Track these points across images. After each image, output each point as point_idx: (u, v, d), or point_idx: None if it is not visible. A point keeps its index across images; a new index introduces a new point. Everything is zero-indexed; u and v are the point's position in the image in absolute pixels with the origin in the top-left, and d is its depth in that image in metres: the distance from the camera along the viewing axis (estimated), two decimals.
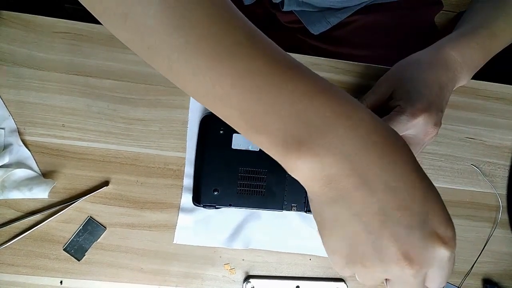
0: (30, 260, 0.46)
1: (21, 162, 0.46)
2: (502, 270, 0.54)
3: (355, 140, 0.23)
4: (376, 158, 0.23)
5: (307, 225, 0.50)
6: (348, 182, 0.23)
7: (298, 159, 0.23)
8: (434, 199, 0.24)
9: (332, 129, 0.22)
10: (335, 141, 0.22)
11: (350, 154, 0.22)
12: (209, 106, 0.25)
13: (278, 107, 0.23)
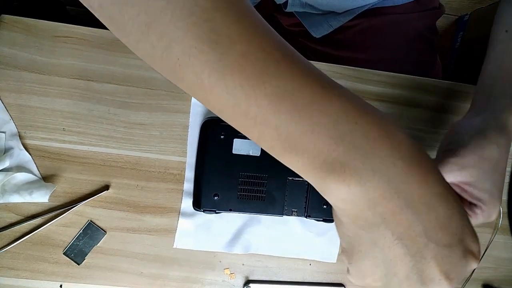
0: (30, 264, 0.46)
1: (22, 166, 0.46)
2: (503, 275, 0.54)
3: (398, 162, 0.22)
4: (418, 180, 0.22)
5: (307, 230, 0.50)
6: (394, 205, 0.22)
7: (340, 182, 0.22)
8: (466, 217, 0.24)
9: (376, 151, 0.22)
10: (379, 164, 0.22)
11: (393, 176, 0.22)
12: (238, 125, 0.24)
13: (319, 128, 0.22)
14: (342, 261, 0.51)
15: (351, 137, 0.22)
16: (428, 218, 0.23)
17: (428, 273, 0.23)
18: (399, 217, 0.22)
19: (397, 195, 0.22)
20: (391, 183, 0.22)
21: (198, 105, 0.48)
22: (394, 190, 0.22)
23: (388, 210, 0.22)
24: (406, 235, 0.23)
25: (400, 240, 0.23)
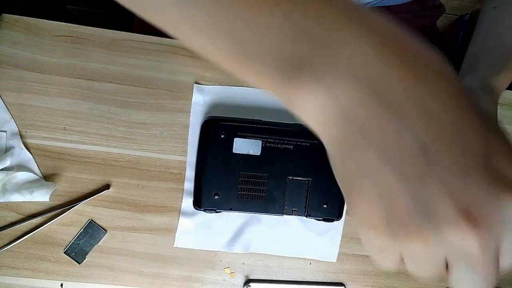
0: (30, 263, 0.46)
1: (23, 165, 0.46)
2: (503, 275, 0.54)
3: (370, 52, 0.16)
4: (405, 72, 0.16)
5: (308, 229, 0.50)
6: (372, 111, 0.16)
7: (299, 88, 0.17)
8: (496, 129, 0.17)
9: (341, 44, 0.16)
10: (346, 60, 0.16)
11: (366, 72, 0.16)
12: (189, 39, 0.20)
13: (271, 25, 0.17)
14: (342, 261, 0.51)
15: (306, 27, 0.17)
16: (425, 126, 0.16)
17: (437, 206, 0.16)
18: (381, 127, 0.16)
19: (375, 96, 0.16)
20: (365, 82, 0.16)
21: (198, 105, 0.48)
22: (370, 91, 0.16)
23: (367, 119, 0.17)
24: (395, 152, 0.16)
25: (389, 161, 0.17)
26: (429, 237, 0.17)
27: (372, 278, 0.52)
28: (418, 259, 0.18)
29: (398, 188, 0.17)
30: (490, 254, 0.17)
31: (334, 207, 0.47)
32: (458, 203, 0.16)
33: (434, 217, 0.16)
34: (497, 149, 0.16)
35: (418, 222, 0.17)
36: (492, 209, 0.16)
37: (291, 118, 0.49)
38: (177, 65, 0.48)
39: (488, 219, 0.16)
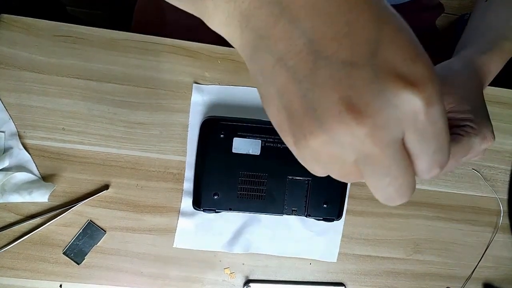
0: (29, 264, 0.46)
1: (21, 165, 0.46)
2: (503, 274, 0.54)
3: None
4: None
5: (308, 229, 0.50)
6: (266, 14, 0.17)
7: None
8: (392, 23, 0.16)
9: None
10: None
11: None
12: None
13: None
14: (342, 261, 0.51)
15: None
16: (313, 25, 0.16)
17: (323, 105, 0.16)
18: (275, 29, 0.17)
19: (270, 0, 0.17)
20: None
21: (198, 104, 0.48)
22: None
23: (262, 22, 0.17)
24: (287, 52, 0.17)
25: (281, 61, 0.17)
26: (321, 135, 0.16)
27: (373, 278, 0.51)
28: (322, 160, 0.18)
29: (292, 89, 0.17)
30: (386, 149, 0.16)
31: (334, 207, 0.47)
32: (342, 96, 0.15)
33: (321, 114, 0.16)
34: (389, 41, 0.16)
35: (309, 121, 0.17)
36: (378, 101, 0.15)
37: None
38: (176, 65, 0.48)
39: (374, 111, 0.15)
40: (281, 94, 0.17)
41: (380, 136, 0.16)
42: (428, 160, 0.17)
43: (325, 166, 0.19)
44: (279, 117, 0.18)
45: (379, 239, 0.51)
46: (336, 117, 0.16)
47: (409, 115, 0.16)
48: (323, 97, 0.16)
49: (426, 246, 0.52)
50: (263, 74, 0.18)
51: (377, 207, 0.51)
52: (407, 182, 0.17)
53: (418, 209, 0.52)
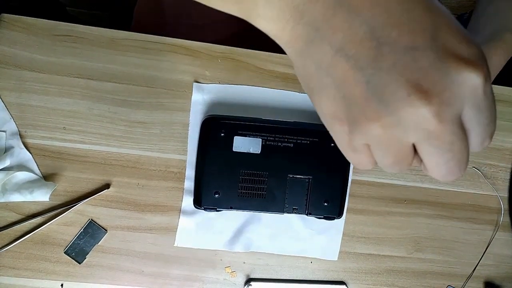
0: (31, 263, 0.46)
1: (22, 164, 0.46)
2: (504, 272, 0.54)
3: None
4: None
5: (308, 228, 0.50)
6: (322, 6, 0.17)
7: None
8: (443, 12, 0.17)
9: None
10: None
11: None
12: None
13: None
14: (343, 259, 0.51)
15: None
16: (374, 15, 0.17)
17: (390, 88, 0.17)
18: (333, 20, 0.17)
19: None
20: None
21: (198, 103, 0.48)
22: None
23: (318, 15, 0.18)
24: (347, 42, 0.17)
25: (342, 51, 0.17)
26: (387, 118, 0.17)
27: (374, 276, 0.51)
28: (381, 145, 0.19)
29: (354, 77, 0.17)
30: (450, 125, 0.17)
31: (335, 205, 0.47)
32: (408, 79, 0.16)
33: (388, 98, 0.17)
34: (444, 27, 0.17)
35: (374, 106, 0.17)
36: (442, 81, 0.16)
37: (291, 116, 0.49)
38: (177, 64, 0.48)
39: (439, 90, 0.16)
40: (341, 83, 0.18)
41: (446, 114, 0.17)
42: (482, 131, 0.18)
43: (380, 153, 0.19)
44: (335, 106, 0.19)
45: (380, 237, 0.51)
46: (405, 99, 0.16)
47: (470, 91, 0.17)
48: (390, 81, 0.17)
49: (427, 244, 0.52)
50: (319, 66, 0.18)
51: (378, 206, 0.51)
52: (466, 155, 0.18)
53: (419, 207, 0.52)
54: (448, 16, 0.17)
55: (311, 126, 0.48)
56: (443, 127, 0.17)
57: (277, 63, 0.49)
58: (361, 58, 0.17)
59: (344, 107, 0.19)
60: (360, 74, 0.17)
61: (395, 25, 0.17)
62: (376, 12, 0.17)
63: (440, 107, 0.16)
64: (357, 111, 0.18)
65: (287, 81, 0.49)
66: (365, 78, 0.17)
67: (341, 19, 0.17)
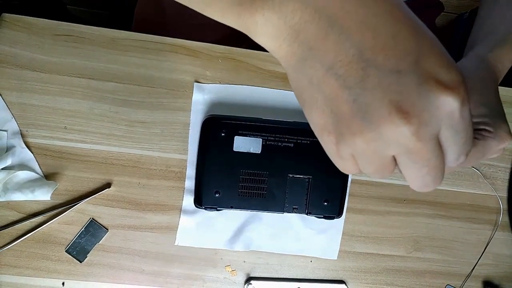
0: (32, 262, 0.46)
1: (24, 164, 0.46)
2: (503, 272, 0.54)
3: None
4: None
5: (308, 227, 0.50)
6: (316, 28, 0.19)
7: (254, 14, 0.20)
8: (427, 37, 0.19)
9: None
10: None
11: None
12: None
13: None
14: (343, 258, 0.51)
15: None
16: (362, 38, 0.18)
17: (373, 107, 0.18)
18: (325, 41, 0.19)
19: (318, 15, 0.19)
20: (310, 4, 0.19)
21: (199, 103, 0.48)
22: (313, 10, 0.19)
23: (312, 35, 0.19)
24: (337, 62, 0.19)
25: (331, 70, 0.19)
26: (369, 134, 0.19)
27: (373, 275, 0.52)
28: (364, 156, 0.20)
29: (341, 95, 0.19)
30: (427, 142, 0.19)
31: (335, 205, 0.48)
32: (391, 100, 0.18)
33: (371, 115, 0.19)
34: (427, 52, 0.18)
35: (359, 121, 0.19)
36: (422, 103, 0.18)
37: (291, 116, 0.49)
38: (177, 63, 0.48)
39: (419, 111, 0.18)
40: (330, 99, 0.20)
41: (423, 133, 0.18)
42: (458, 150, 0.20)
43: (363, 163, 0.21)
44: (324, 119, 0.21)
45: (380, 236, 0.52)
46: (386, 118, 0.18)
47: (447, 114, 0.18)
48: (374, 100, 0.18)
49: (426, 244, 0.53)
50: (311, 81, 0.20)
51: (378, 205, 0.52)
52: (441, 170, 0.20)
53: (418, 207, 0.52)
54: (432, 40, 0.19)
55: None
56: (421, 145, 0.18)
57: (277, 63, 0.49)
58: (349, 78, 0.19)
59: (332, 121, 0.20)
60: (348, 92, 0.19)
61: (381, 49, 0.18)
62: (364, 36, 0.18)
63: (419, 127, 0.18)
64: (344, 125, 0.20)
65: (287, 81, 0.50)
66: (352, 96, 0.19)
67: (333, 41, 0.19)
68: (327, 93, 0.20)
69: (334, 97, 0.19)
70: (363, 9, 0.18)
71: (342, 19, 0.18)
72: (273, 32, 0.20)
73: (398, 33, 0.18)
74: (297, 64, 0.20)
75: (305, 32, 0.19)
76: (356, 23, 0.18)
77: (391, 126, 0.18)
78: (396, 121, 0.18)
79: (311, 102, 0.21)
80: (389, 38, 0.18)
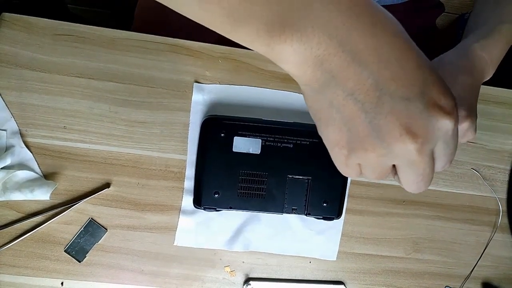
0: (31, 261, 0.46)
1: (23, 163, 0.46)
2: (502, 274, 0.54)
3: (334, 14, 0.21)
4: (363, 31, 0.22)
5: (307, 228, 0.50)
6: (339, 59, 0.22)
7: (283, 43, 0.22)
8: (429, 69, 0.22)
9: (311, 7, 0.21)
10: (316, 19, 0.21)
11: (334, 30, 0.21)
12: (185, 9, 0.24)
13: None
14: (342, 259, 0.51)
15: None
16: (378, 69, 0.21)
17: (387, 129, 0.22)
18: (346, 71, 0.22)
19: (341, 48, 0.21)
20: (333, 37, 0.21)
21: (198, 103, 0.48)
22: (337, 44, 0.21)
23: (335, 65, 0.22)
24: (357, 89, 0.22)
25: (351, 96, 0.22)
26: (381, 150, 0.23)
27: (372, 276, 0.52)
28: (371, 166, 0.25)
29: (358, 117, 0.23)
30: (426, 156, 0.23)
31: (334, 206, 0.47)
32: (401, 123, 0.22)
33: (384, 135, 0.22)
34: (430, 82, 0.22)
35: (372, 140, 0.23)
36: (427, 125, 0.22)
37: (291, 117, 0.49)
38: (177, 64, 0.48)
39: (424, 132, 0.22)
40: (348, 120, 0.23)
41: (425, 149, 0.22)
42: (445, 159, 0.25)
43: (368, 170, 0.25)
44: (340, 136, 0.24)
45: (379, 238, 0.52)
46: (398, 138, 0.22)
47: (444, 133, 0.23)
48: (387, 123, 0.22)
49: (426, 245, 0.53)
50: (331, 103, 0.23)
51: (377, 206, 0.52)
52: (431, 176, 0.25)
53: (418, 208, 0.52)
54: (433, 71, 0.22)
55: (311, 127, 0.48)
56: (421, 158, 0.23)
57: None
58: (366, 104, 0.22)
59: (347, 137, 0.24)
60: (364, 115, 0.22)
61: (393, 79, 0.21)
62: (380, 67, 0.21)
63: (422, 145, 0.22)
64: (357, 142, 0.23)
65: (287, 81, 0.49)
66: (368, 119, 0.22)
67: (353, 70, 0.22)
68: (345, 114, 0.23)
69: (352, 118, 0.23)
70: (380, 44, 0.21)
71: (362, 53, 0.21)
72: (299, 60, 0.23)
73: (405, 65, 0.22)
74: (319, 88, 0.23)
75: (329, 62, 0.22)
76: (373, 57, 0.21)
77: (401, 144, 0.22)
78: (405, 141, 0.22)
79: (328, 120, 0.24)
80: (399, 69, 0.21)
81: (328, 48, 0.22)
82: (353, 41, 0.21)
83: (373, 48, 0.21)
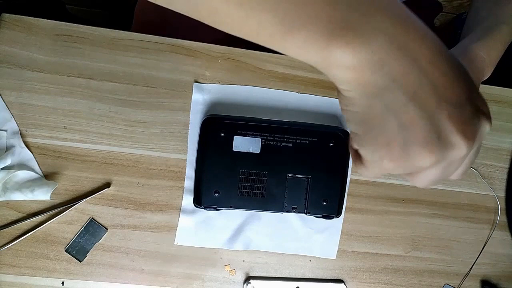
0: (31, 261, 0.46)
1: (23, 163, 0.46)
2: (501, 271, 0.54)
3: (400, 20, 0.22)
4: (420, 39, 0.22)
5: (307, 227, 0.50)
6: (401, 64, 0.22)
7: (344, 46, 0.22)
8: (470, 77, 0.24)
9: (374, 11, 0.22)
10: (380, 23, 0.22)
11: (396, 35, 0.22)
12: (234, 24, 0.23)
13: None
14: (342, 257, 0.51)
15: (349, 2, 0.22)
16: (435, 76, 0.22)
17: (446, 134, 0.23)
18: (408, 76, 0.22)
19: (403, 53, 0.22)
20: (395, 42, 0.22)
21: (198, 103, 0.48)
22: (398, 49, 0.22)
23: (396, 70, 0.22)
24: (417, 95, 0.22)
25: (413, 101, 0.22)
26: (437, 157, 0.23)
27: (372, 274, 0.52)
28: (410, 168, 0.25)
29: (419, 118, 0.23)
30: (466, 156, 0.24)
31: (334, 204, 0.48)
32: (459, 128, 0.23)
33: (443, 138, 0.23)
34: (473, 89, 0.23)
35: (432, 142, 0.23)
36: (477, 129, 0.23)
37: (290, 116, 0.49)
38: (177, 64, 0.48)
39: (474, 134, 0.23)
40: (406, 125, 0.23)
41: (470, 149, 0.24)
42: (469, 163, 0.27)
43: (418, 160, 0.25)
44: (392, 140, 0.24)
45: (378, 236, 0.52)
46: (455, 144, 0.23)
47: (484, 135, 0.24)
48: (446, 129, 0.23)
49: (425, 243, 0.53)
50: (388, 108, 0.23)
51: (376, 205, 0.52)
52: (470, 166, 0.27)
53: (417, 206, 0.53)
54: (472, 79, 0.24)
55: (310, 126, 0.48)
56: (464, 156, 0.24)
57: (277, 63, 0.50)
58: (427, 109, 0.22)
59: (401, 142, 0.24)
60: (425, 122, 0.23)
61: (448, 87, 0.22)
62: (437, 74, 0.22)
63: (470, 146, 0.23)
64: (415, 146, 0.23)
65: (286, 81, 0.50)
66: (429, 125, 0.23)
67: (414, 76, 0.22)
68: (404, 120, 0.23)
69: (411, 124, 0.23)
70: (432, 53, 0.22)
71: (422, 60, 0.22)
72: (357, 63, 0.22)
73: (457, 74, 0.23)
74: (375, 92, 0.23)
75: (389, 66, 0.22)
76: (431, 63, 0.22)
77: (458, 151, 0.23)
78: (462, 147, 0.23)
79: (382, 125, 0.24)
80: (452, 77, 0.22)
81: (390, 52, 0.22)
82: (413, 47, 0.22)
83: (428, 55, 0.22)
